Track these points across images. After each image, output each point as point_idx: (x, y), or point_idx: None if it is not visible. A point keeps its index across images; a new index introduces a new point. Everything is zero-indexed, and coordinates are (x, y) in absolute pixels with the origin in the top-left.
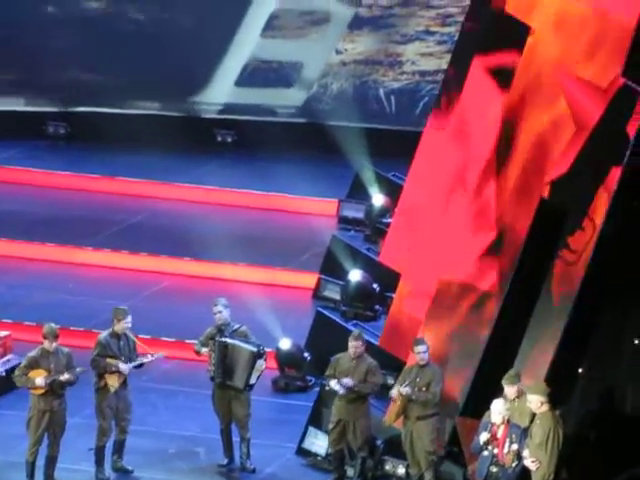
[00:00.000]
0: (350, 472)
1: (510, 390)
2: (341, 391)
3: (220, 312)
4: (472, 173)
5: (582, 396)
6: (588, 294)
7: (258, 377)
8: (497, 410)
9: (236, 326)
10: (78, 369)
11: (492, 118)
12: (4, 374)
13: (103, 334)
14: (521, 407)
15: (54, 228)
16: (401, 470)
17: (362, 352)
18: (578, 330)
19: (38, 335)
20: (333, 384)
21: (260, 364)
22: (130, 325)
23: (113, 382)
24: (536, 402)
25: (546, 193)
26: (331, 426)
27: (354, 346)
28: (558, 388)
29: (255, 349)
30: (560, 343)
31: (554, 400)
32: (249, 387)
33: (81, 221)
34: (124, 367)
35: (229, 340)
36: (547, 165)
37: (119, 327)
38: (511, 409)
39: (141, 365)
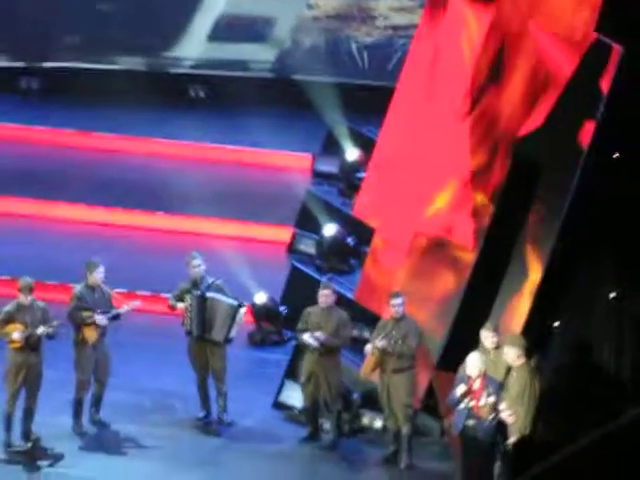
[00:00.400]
0: (327, 425)
1: (488, 341)
2: (314, 344)
3: (199, 266)
4: (445, 124)
5: (557, 349)
6: (563, 248)
7: (237, 330)
8: (473, 363)
9: (211, 280)
10: (55, 323)
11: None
12: None
13: (77, 287)
14: (497, 360)
15: (27, 183)
16: (378, 423)
17: (332, 302)
18: (553, 284)
19: (13, 289)
20: (306, 337)
21: (240, 317)
22: (102, 275)
23: (90, 335)
24: (513, 354)
25: (520, 147)
26: (303, 380)
27: (323, 295)
28: (533, 341)
29: (235, 302)
30: (535, 297)
31: (530, 353)
32: (228, 341)
33: (54, 176)
34: (100, 318)
35: (208, 294)
36: (520, 117)
37: (92, 279)
38: (487, 362)
39: (117, 316)
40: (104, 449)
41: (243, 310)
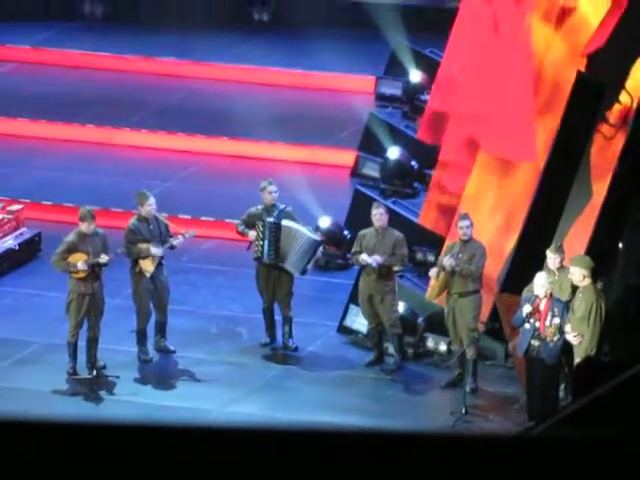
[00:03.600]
0: (391, 350)
1: (554, 260)
2: (374, 264)
3: (275, 192)
4: (510, 42)
5: (622, 270)
6: (626, 168)
7: (312, 264)
8: (540, 283)
9: (282, 207)
10: (118, 250)
11: None
12: (17, 247)
13: (131, 220)
14: (562, 281)
15: (91, 110)
16: (443, 347)
17: (386, 222)
18: (617, 204)
19: (76, 217)
20: (364, 257)
21: (319, 252)
22: (154, 207)
23: (147, 267)
24: (579, 275)
25: (583, 67)
26: (362, 303)
27: (377, 214)
28: (598, 262)
29: (318, 238)
30: (599, 217)
31: (595, 274)
32: (304, 273)
33: (118, 102)
34: (156, 250)
35: (284, 221)
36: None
37: (145, 211)
38: (553, 283)
39: (173, 247)
40: (170, 376)
41: (322, 245)
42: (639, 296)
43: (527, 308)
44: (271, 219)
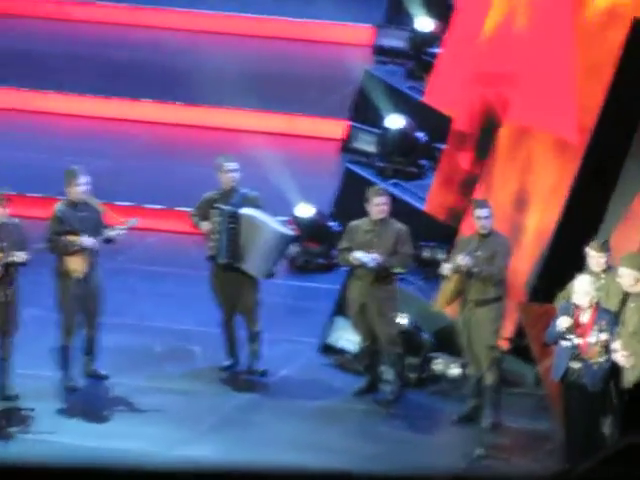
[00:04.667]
0: (388, 375)
1: (598, 260)
2: (371, 264)
3: (234, 171)
4: None
5: None
6: None
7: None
8: (582, 289)
9: (244, 191)
10: (39, 245)
11: None
12: None
13: (58, 205)
14: (609, 286)
15: (11, 68)
16: (455, 370)
17: (387, 213)
18: None
19: None
20: (359, 255)
21: (290, 250)
22: (85, 187)
23: (77, 266)
24: (630, 279)
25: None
26: (352, 315)
27: (378, 204)
28: None
29: (289, 232)
30: None
31: None
32: (269, 276)
33: (39, 58)
34: (89, 242)
35: (245, 211)
36: None
37: (74, 193)
38: (598, 288)
39: (109, 240)
40: (100, 409)
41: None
42: None
43: (565, 321)
44: (227, 207)
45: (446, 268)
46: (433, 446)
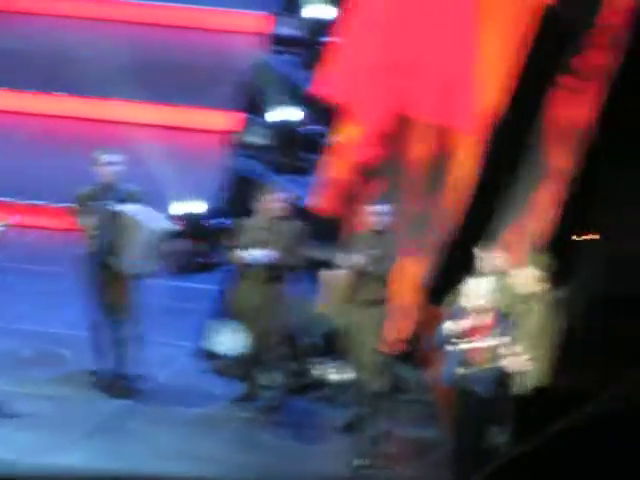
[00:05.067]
0: (268, 380)
1: (492, 260)
2: (265, 261)
3: (112, 164)
4: None
5: (589, 273)
6: (600, 135)
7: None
8: (474, 291)
9: (124, 186)
10: None
11: None
12: None
13: None
14: (503, 287)
15: None
16: (340, 376)
17: (281, 212)
18: (586, 184)
19: None
20: (253, 253)
21: (171, 248)
22: None
23: None
24: (528, 279)
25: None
26: (236, 317)
27: (273, 200)
28: (557, 262)
29: (169, 229)
30: (560, 199)
31: (553, 278)
32: (149, 276)
33: None
34: None
35: (121, 207)
36: None
37: None
38: (492, 291)
39: None
40: None
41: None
42: (610, 306)
43: (456, 324)
44: (106, 202)
45: (337, 267)
46: (316, 455)
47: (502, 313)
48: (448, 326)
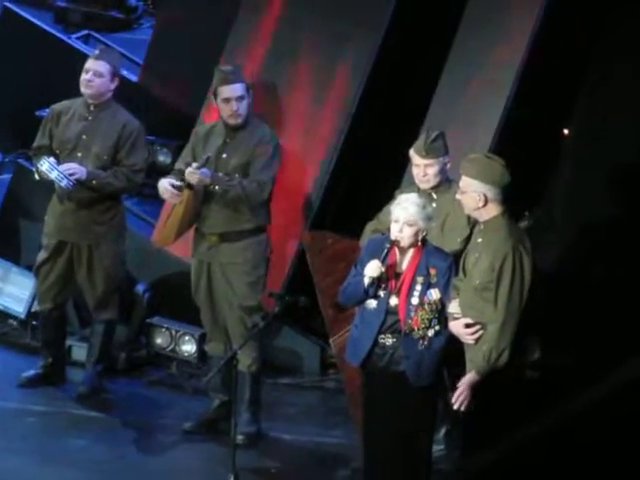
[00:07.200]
0: (81, 353)
1: (424, 168)
2: (78, 175)
3: None
4: None
5: (563, 205)
6: None
7: None
8: (404, 214)
9: None
10: None
11: None
12: None
13: None
14: (444, 211)
15: None
16: (189, 347)
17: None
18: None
19: None
20: (45, 165)
21: None
22: None
23: None
24: (475, 196)
25: None
26: (39, 260)
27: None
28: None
29: None
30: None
31: (513, 203)
32: None
33: None
34: None
35: None
36: None
37: None
38: (424, 214)
39: None
40: None
41: None
42: (590, 254)
43: (375, 267)
44: None
45: (173, 181)
46: (155, 468)
47: (441, 250)
48: (367, 269)
